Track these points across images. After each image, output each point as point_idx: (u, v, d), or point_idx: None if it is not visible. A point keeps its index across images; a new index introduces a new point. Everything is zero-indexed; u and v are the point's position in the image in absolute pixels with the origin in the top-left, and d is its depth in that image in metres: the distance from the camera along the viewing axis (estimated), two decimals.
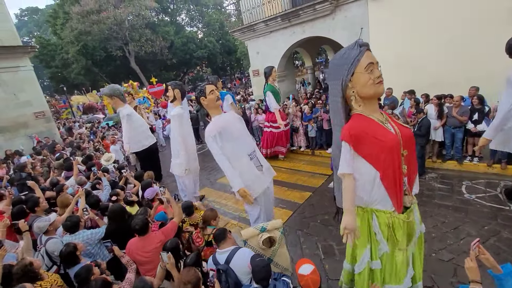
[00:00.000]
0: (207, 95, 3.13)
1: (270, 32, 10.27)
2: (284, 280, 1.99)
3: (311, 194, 5.27)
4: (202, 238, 2.96)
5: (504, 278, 1.45)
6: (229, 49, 37.47)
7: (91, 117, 18.29)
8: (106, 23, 24.60)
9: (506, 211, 3.91)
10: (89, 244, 2.81)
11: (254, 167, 3.27)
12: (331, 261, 3.50)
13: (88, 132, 12.47)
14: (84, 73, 27.27)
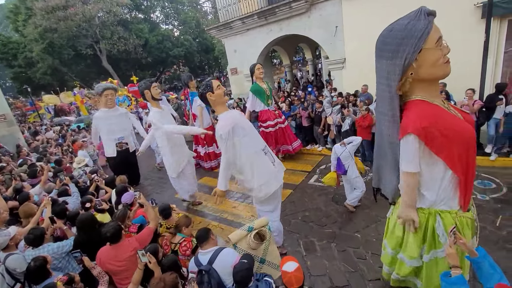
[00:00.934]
0: (214, 89, 2.90)
1: (247, 30, 10.20)
2: (267, 280, 1.95)
3: (291, 192, 5.29)
4: (169, 246, 2.84)
5: (481, 261, 1.51)
6: (207, 48, 36.91)
7: (60, 119, 17.21)
8: (74, 20, 23.21)
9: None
10: (55, 258, 2.58)
11: (270, 162, 3.15)
12: (313, 257, 3.52)
13: (57, 135, 11.70)
14: (51, 73, 25.57)
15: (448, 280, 1.49)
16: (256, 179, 3.03)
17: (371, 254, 3.37)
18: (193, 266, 2.35)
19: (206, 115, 6.85)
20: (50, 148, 8.56)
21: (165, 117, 4.78)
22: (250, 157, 2.96)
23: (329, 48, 8.53)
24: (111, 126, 6.04)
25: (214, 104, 3.01)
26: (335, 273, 3.20)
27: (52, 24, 22.78)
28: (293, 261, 1.86)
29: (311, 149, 7.15)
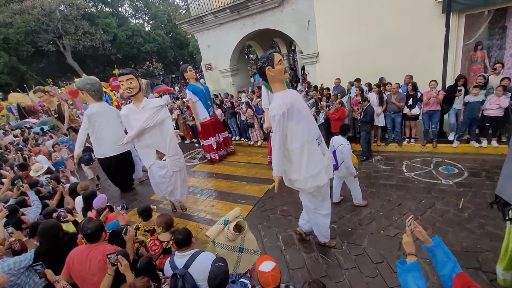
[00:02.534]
0: (275, 64, 2.58)
1: (220, 25, 9.99)
2: (242, 282, 1.91)
3: (269, 187, 5.30)
4: (159, 245, 2.73)
5: (435, 249, 1.60)
6: (181, 43, 35.78)
7: (20, 122, 15.86)
8: (31, 14, 21.38)
9: (439, 185, 4.41)
10: (12, 275, 2.36)
11: (321, 154, 2.86)
12: (291, 250, 3.55)
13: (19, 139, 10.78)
14: (8, 71, 23.41)
15: (403, 266, 1.56)
16: (304, 170, 2.79)
17: (347, 244, 3.47)
18: (168, 268, 2.26)
19: (200, 108, 6.61)
20: (9, 154, 7.87)
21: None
22: (301, 145, 2.70)
23: (302, 42, 8.59)
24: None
25: (272, 81, 2.70)
26: (313, 265, 3.25)
27: (6, 18, 20.80)
28: (270, 260, 1.83)
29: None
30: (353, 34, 7.39)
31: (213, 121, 6.89)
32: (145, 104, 4.13)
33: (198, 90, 6.50)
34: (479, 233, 3.28)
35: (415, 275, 1.50)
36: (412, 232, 1.67)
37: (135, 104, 4.20)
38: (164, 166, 4.38)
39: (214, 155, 7.02)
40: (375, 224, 3.74)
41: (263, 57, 2.68)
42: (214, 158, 7.02)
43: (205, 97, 6.63)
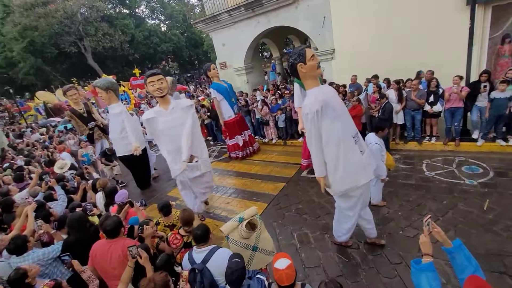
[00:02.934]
0: (307, 60, 2.45)
1: (235, 23, 10.02)
2: (259, 278, 1.93)
3: (284, 185, 5.29)
4: (180, 239, 2.80)
5: (454, 251, 1.56)
6: (196, 42, 36.28)
7: (45, 121, 16.65)
8: (55, 17, 22.39)
9: (461, 185, 4.24)
10: (41, 265, 2.51)
11: (359, 152, 2.70)
12: (307, 249, 3.54)
13: (45, 137, 11.38)
14: (34, 72, 24.68)
15: (417, 266, 1.54)
16: (340, 171, 2.64)
17: (364, 244, 3.41)
18: (186, 263, 2.32)
19: (225, 107, 6.51)
20: (36, 151, 8.32)
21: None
22: (337, 144, 2.55)
23: (318, 39, 8.46)
24: (108, 126, 5.90)
25: (304, 77, 2.57)
26: (329, 264, 3.23)
27: (32, 21, 21.90)
28: (286, 258, 1.84)
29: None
30: (370, 29, 7.19)
31: (238, 119, 6.78)
32: (174, 105, 4.01)
33: (222, 88, 6.44)
34: (505, 236, 3.13)
35: (429, 276, 1.48)
36: (430, 233, 1.64)
37: (162, 106, 4.01)
38: (198, 168, 4.23)
39: (238, 153, 6.92)
40: (393, 224, 3.66)
41: (294, 53, 2.54)
42: (239, 156, 6.94)
43: (229, 95, 6.56)
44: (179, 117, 3.98)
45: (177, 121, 3.95)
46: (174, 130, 3.94)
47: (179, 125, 3.96)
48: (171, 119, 3.95)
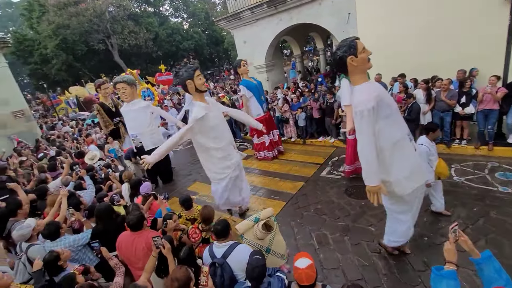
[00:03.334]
0: (359, 53, 2.27)
1: (257, 20, 10.01)
2: (279, 276, 1.93)
3: (303, 184, 5.24)
4: (199, 233, 2.87)
5: (482, 262, 1.49)
6: (216, 40, 36.72)
7: (75, 114, 17.58)
8: (85, 15, 23.56)
9: (494, 192, 3.98)
10: (72, 251, 2.67)
11: (414, 151, 2.53)
12: (325, 250, 3.49)
13: (74, 130, 12.04)
14: (65, 68, 26.16)
15: (438, 272, 1.49)
16: (396, 171, 2.43)
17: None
18: (207, 256, 2.36)
19: (254, 104, 6.28)
20: (66, 142, 8.82)
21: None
22: (393, 143, 2.37)
23: (342, 36, 8.23)
24: (129, 122, 5.79)
25: (353, 72, 2.36)
26: (348, 267, 3.16)
27: (65, 20, 23.20)
28: (307, 257, 1.82)
29: (323, 141, 7.04)
30: (398, 26, 6.88)
31: (267, 117, 6.50)
32: (211, 101, 3.94)
33: (252, 85, 6.23)
34: None
35: (450, 284, 1.43)
36: (456, 241, 1.58)
37: (203, 101, 3.77)
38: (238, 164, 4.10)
39: (267, 153, 6.64)
40: (418, 229, 3.50)
41: (342, 45, 2.33)
42: (266, 157, 6.65)
43: (259, 92, 6.33)
44: (219, 111, 3.96)
45: (220, 114, 3.91)
46: (223, 123, 3.91)
47: (223, 118, 3.95)
48: (218, 115, 3.85)
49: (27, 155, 7.14)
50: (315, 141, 7.17)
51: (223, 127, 3.89)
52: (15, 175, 5.36)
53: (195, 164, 7.41)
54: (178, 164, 7.66)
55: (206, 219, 2.86)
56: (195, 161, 7.66)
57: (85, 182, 4.05)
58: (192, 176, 6.74)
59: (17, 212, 3.30)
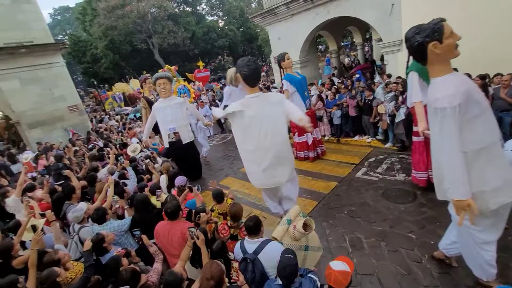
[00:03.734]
0: (445, 38, 1.87)
1: (292, 15, 9.83)
2: (311, 277, 1.89)
3: (337, 184, 5.06)
4: (228, 230, 2.92)
5: None
6: (250, 37, 36.97)
7: (120, 109, 19.03)
8: (130, 17, 25.30)
9: None
10: (116, 235, 2.90)
11: (505, 158, 2.14)
12: (359, 254, 3.33)
13: (119, 124, 13.07)
14: (112, 67, 28.48)
15: None
16: (490, 180, 1.98)
17: (427, 258, 3.05)
18: (238, 251, 2.39)
19: (297, 100, 5.68)
20: (112, 135, 9.60)
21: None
22: (480, 147, 1.93)
23: (383, 29, 7.74)
24: (166, 116, 5.90)
25: (435, 61, 1.95)
26: (385, 274, 2.98)
27: (113, 22, 25.19)
28: (347, 264, 1.75)
29: (359, 140, 6.71)
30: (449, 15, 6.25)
31: (310, 114, 5.86)
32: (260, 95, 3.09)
33: (296, 80, 5.77)
34: None
35: None
36: None
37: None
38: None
39: (308, 153, 6.22)
40: None
41: (423, 29, 1.94)
42: (308, 156, 6.23)
43: (302, 87, 5.89)
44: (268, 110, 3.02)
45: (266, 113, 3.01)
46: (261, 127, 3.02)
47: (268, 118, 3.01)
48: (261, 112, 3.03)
49: (80, 146, 7.92)
50: (350, 140, 6.87)
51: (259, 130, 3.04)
52: (70, 163, 5.99)
53: (227, 160, 7.59)
54: (211, 158, 7.89)
55: (234, 216, 2.86)
56: (227, 156, 7.85)
57: (128, 172, 4.36)
58: (224, 171, 6.90)
59: (72, 196, 3.68)
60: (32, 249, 2.35)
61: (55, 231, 3.09)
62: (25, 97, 9.80)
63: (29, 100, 9.89)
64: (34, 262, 2.27)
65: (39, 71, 10.10)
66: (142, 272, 2.30)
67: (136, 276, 2.10)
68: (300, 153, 6.31)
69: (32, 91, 9.94)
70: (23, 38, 9.71)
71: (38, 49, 9.94)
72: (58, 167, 5.50)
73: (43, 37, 10.22)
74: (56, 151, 7.94)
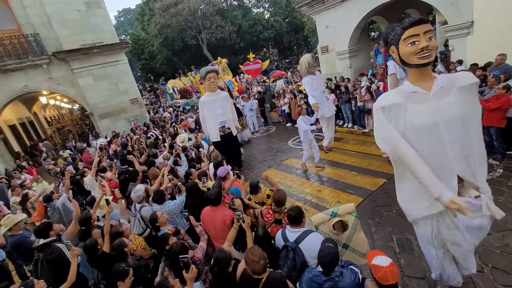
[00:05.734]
0: None
1: (342, 2, 9.29)
2: (352, 269, 1.88)
3: (385, 181, 4.77)
4: (272, 214, 3.02)
5: None
6: (296, 27, 36.07)
7: (172, 102, 20.55)
8: (182, 15, 26.83)
9: None
10: (174, 213, 3.25)
11: None
12: (408, 256, 3.14)
13: (171, 115, 14.21)
14: (166, 63, 30.75)
15: None
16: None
17: (491, 268, 2.73)
18: (279, 239, 2.47)
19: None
20: (166, 125, 10.51)
21: None
22: None
23: (450, 10, 6.83)
24: (215, 110, 5.86)
25: None
26: None
27: (167, 20, 27.05)
28: (383, 255, 1.70)
29: None
30: None
31: None
32: (444, 83, 1.86)
33: None
34: None
35: None
36: None
37: (421, 83, 1.90)
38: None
39: None
40: None
41: None
42: None
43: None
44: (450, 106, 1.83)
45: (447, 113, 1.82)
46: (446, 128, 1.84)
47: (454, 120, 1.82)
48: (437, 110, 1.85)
49: (140, 135, 8.87)
50: None
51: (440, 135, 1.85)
52: (132, 150, 6.77)
53: (270, 152, 7.70)
54: (255, 150, 8.10)
55: (278, 202, 2.91)
56: (270, 148, 7.96)
57: (180, 159, 4.78)
58: (267, 162, 7.03)
59: (136, 179, 4.21)
60: (106, 219, 2.80)
61: (120, 207, 3.58)
62: (97, 91, 11.32)
63: (100, 93, 11.40)
64: (108, 230, 2.70)
65: (107, 68, 11.51)
66: (190, 247, 2.55)
67: (185, 250, 2.35)
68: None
69: (102, 86, 11.42)
70: (95, 40, 11.13)
71: (107, 49, 11.31)
72: (123, 153, 6.28)
73: (111, 38, 11.57)
74: (121, 139, 9.04)
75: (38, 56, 10.06)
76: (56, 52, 10.32)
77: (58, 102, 16.52)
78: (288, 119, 9.92)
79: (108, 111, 11.69)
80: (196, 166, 4.65)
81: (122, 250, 2.54)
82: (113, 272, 2.17)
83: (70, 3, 10.61)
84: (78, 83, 10.94)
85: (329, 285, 1.82)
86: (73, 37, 10.65)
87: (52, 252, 2.73)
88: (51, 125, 18.97)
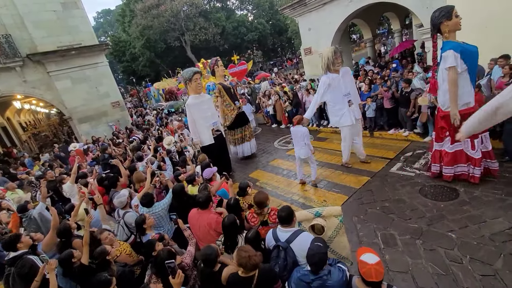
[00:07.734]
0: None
1: (324, 4, 9.49)
2: (340, 267, 1.90)
3: (369, 179, 4.89)
4: (257, 217, 3.00)
5: None
6: (280, 29, 36.47)
7: (156, 105, 20.13)
8: (164, 16, 26.41)
9: None
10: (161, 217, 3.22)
11: None
12: (392, 251, 3.22)
13: (154, 118, 13.92)
14: (148, 65, 30.10)
15: None
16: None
17: (469, 259, 2.86)
18: (270, 239, 2.44)
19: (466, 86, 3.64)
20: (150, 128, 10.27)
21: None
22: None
23: (425, 13, 7.13)
24: (205, 112, 5.77)
25: None
26: (420, 273, 2.86)
27: (149, 22, 26.52)
28: (372, 253, 1.73)
29: (394, 133, 6.37)
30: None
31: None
32: None
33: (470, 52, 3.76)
34: None
35: None
36: None
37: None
38: None
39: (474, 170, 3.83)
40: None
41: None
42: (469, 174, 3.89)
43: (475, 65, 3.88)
44: None
45: None
46: None
47: None
48: None
49: (123, 139, 8.61)
50: (385, 134, 6.54)
51: None
52: (114, 154, 6.55)
53: (256, 153, 7.69)
54: None
55: (259, 204, 2.87)
56: (257, 149, 7.96)
57: (165, 164, 4.68)
58: (254, 164, 7.02)
59: (116, 184, 4.07)
60: (85, 230, 2.67)
61: (102, 213, 3.45)
62: (76, 95, 10.88)
63: (79, 97, 10.97)
64: (87, 241, 2.58)
65: (86, 71, 11.10)
66: (177, 253, 2.49)
67: (172, 256, 2.29)
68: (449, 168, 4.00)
69: (81, 89, 11.00)
70: (73, 41, 10.72)
71: (86, 51, 10.91)
72: (104, 157, 6.06)
73: (90, 39, 11.18)
74: (101, 144, 8.73)
75: (10, 58, 9.55)
76: (30, 54, 9.84)
77: (33, 106, 15.72)
78: (273, 120, 9.97)
79: (88, 115, 11.26)
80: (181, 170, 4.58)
81: (104, 259, 2.44)
82: (94, 282, 2.07)
83: (45, 4, 10.17)
84: (55, 86, 10.48)
85: (317, 284, 1.83)
86: (49, 38, 10.20)
87: (23, 266, 2.52)
88: (27, 130, 18.04)
